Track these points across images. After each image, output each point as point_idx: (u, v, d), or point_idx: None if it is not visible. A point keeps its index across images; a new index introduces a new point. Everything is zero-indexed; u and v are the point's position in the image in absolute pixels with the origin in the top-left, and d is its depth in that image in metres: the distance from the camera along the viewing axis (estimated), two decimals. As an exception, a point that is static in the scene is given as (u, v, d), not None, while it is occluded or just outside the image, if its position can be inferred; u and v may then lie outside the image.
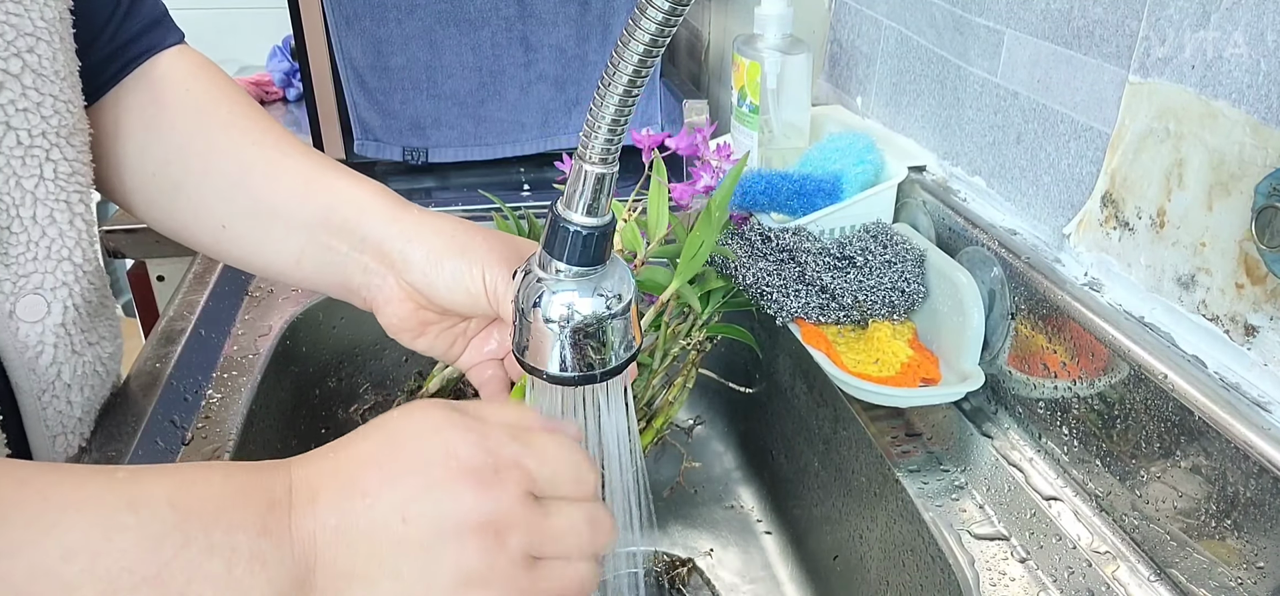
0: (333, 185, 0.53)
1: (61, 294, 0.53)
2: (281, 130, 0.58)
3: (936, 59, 0.73)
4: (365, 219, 0.52)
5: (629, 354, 0.43)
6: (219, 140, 0.56)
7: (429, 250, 0.49)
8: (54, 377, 0.54)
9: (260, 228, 0.55)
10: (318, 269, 0.54)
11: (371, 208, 0.52)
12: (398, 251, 0.50)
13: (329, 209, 0.53)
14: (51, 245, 0.52)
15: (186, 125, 0.57)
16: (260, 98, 1.41)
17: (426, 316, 0.52)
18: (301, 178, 0.54)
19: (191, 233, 0.58)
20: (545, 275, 0.41)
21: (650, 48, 0.34)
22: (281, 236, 0.54)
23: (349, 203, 0.52)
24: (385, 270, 0.51)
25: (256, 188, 0.55)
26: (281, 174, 0.55)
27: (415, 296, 0.51)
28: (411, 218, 0.51)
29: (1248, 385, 0.47)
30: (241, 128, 0.57)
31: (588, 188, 0.39)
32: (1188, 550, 0.49)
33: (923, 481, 0.59)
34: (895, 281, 0.66)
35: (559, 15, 1.04)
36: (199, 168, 0.56)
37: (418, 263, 0.49)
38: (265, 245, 0.55)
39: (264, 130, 0.57)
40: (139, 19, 0.57)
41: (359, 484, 0.37)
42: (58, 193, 0.52)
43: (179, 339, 0.73)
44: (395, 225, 0.51)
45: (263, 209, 0.54)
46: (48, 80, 0.50)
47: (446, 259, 0.49)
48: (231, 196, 0.55)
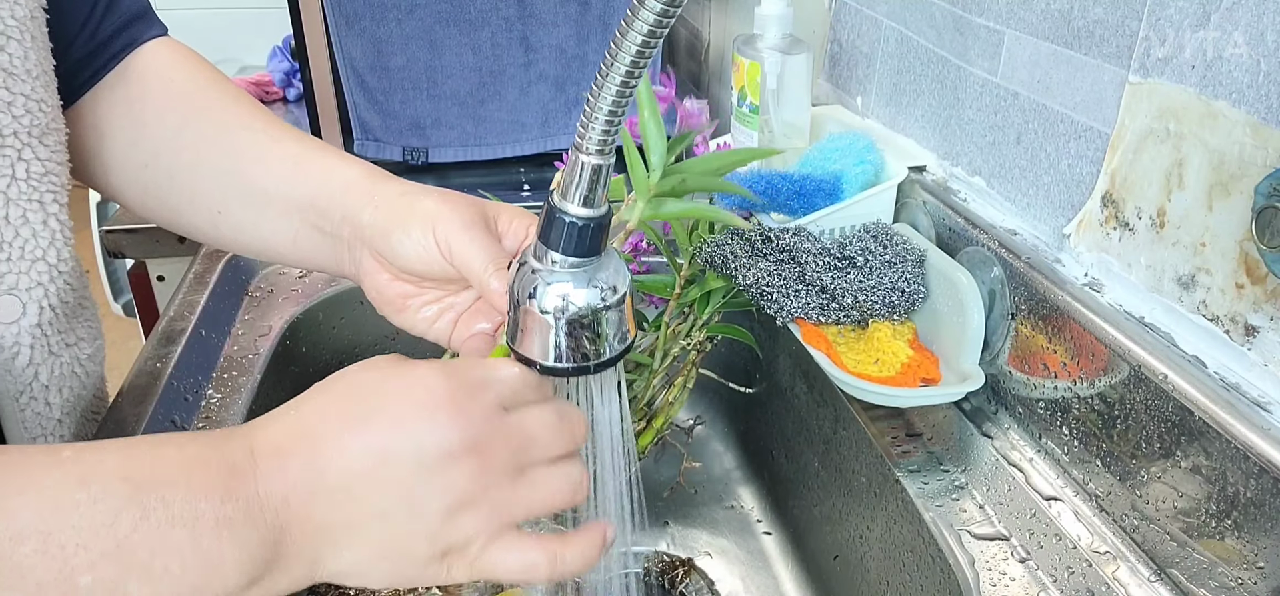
0: (320, 165, 0.54)
1: (36, 294, 0.52)
2: (267, 113, 0.58)
3: (936, 59, 0.73)
4: (348, 196, 0.52)
5: (623, 346, 0.43)
6: (207, 129, 0.56)
7: (390, 215, 0.50)
8: (31, 379, 0.53)
9: (254, 211, 0.55)
10: (313, 248, 0.54)
11: (353, 184, 0.52)
12: (368, 222, 0.51)
13: (317, 189, 0.53)
14: (25, 245, 0.51)
15: (174, 117, 0.57)
16: (260, 98, 1.40)
17: (404, 289, 0.52)
18: (291, 159, 0.55)
19: (188, 221, 0.58)
20: (540, 266, 0.41)
21: (648, 39, 0.34)
22: (275, 218, 0.55)
23: (334, 181, 0.53)
24: (361, 243, 0.52)
25: (248, 172, 0.55)
26: (271, 158, 0.55)
27: (388, 266, 0.51)
28: (383, 189, 0.52)
29: (1248, 385, 0.47)
30: (229, 113, 0.57)
31: (584, 178, 0.38)
32: (1188, 550, 0.49)
33: (923, 481, 0.59)
34: (895, 281, 0.66)
35: (559, 15, 1.04)
36: (189, 158, 0.56)
37: (381, 229, 0.50)
38: (261, 228, 0.55)
39: (252, 114, 0.57)
40: (119, 15, 0.57)
41: (328, 436, 0.37)
42: (30, 192, 0.51)
43: (179, 339, 0.73)
44: (368, 198, 0.51)
45: (256, 193, 0.55)
46: (18, 79, 0.50)
47: (403, 222, 0.49)
48: (224, 183, 0.56)
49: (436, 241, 0.48)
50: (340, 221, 0.52)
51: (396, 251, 0.49)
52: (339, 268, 0.54)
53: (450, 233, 0.47)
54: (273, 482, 0.36)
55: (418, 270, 0.50)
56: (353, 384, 0.39)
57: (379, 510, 0.36)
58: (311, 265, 0.56)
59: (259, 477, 0.36)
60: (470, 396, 0.38)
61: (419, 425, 0.37)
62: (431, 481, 0.36)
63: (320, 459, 0.36)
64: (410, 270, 0.50)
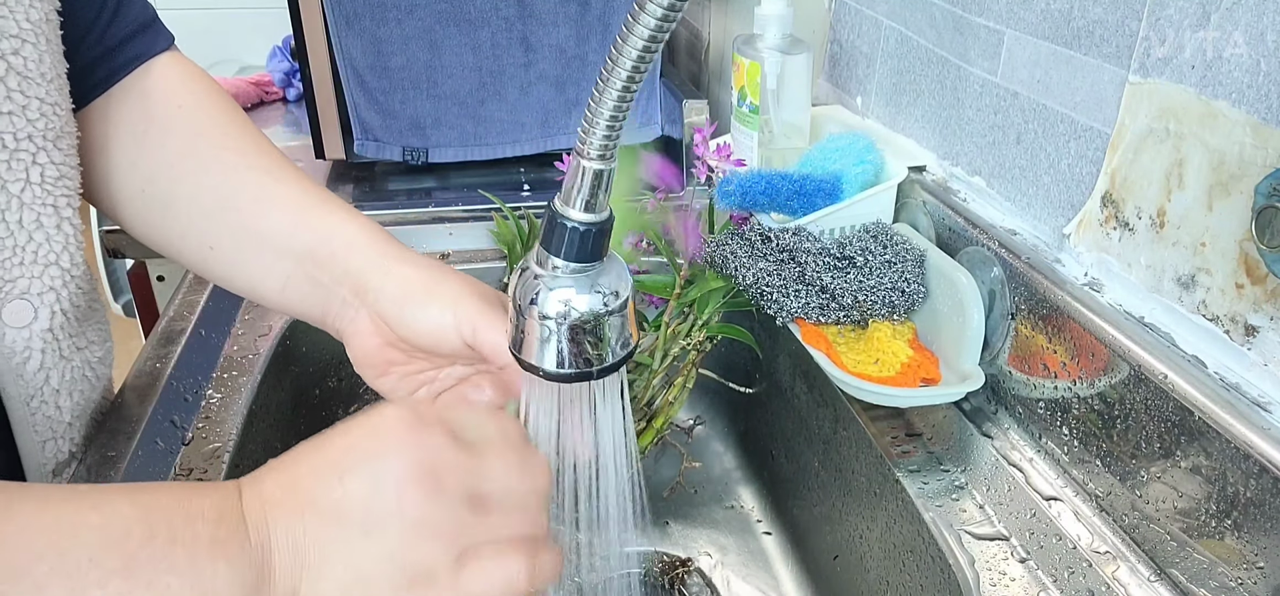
0: (325, 219, 0.54)
1: (49, 298, 0.52)
2: (273, 151, 0.58)
3: (936, 59, 0.73)
4: (351, 253, 0.52)
5: (625, 351, 0.43)
6: (209, 159, 0.56)
7: (403, 281, 0.50)
8: (42, 383, 0.53)
9: (248, 251, 0.55)
10: (301, 297, 0.54)
11: (359, 243, 0.53)
12: (375, 284, 0.51)
13: (318, 241, 0.53)
14: (38, 250, 0.51)
15: (177, 141, 0.56)
16: (260, 98, 1.40)
17: (392, 356, 0.52)
18: (294, 207, 0.54)
19: (178, 249, 0.57)
20: (543, 271, 0.41)
21: (649, 44, 0.34)
22: (269, 263, 0.54)
23: (338, 237, 0.53)
24: (359, 303, 0.52)
25: (247, 211, 0.55)
26: (273, 201, 0.55)
27: (384, 330, 0.51)
28: (393, 252, 0.52)
29: (1248, 385, 0.47)
30: (234, 148, 0.56)
31: (586, 184, 0.38)
32: (1188, 550, 0.49)
33: (923, 481, 0.59)
34: (895, 281, 0.66)
35: (559, 15, 1.04)
36: (189, 186, 0.56)
37: (391, 293, 0.50)
38: (251, 268, 0.55)
39: (258, 151, 0.57)
40: (127, 22, 0.57)
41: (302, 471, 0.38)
42: (45, 196, 0.51)
43: (179, 339, 0.73)
44: (377, 260, 0.52)
45: (251, 234, 0.55)
46: (34, 83, 0.50)
47: (418, 292, 0.50)
48: (220, 217, 0.55)
49: (457, 320, 0.48)
50: (339, 276, 0.52)
51: (411, 323, 0.49)
52: (324, 319, 0.54)
53: (475, 314, 0.48)
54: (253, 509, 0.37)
55: (427, 344, 0.50)
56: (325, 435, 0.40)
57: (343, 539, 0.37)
58: (294, 313, 0.56)
59: (244, 502, 0.37)
60: (422, 422, 0.39)
61: (373, 451, 0.38)
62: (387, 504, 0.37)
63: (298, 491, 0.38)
64: (419, 343, 0.50)
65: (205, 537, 0.35)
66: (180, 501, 0.36)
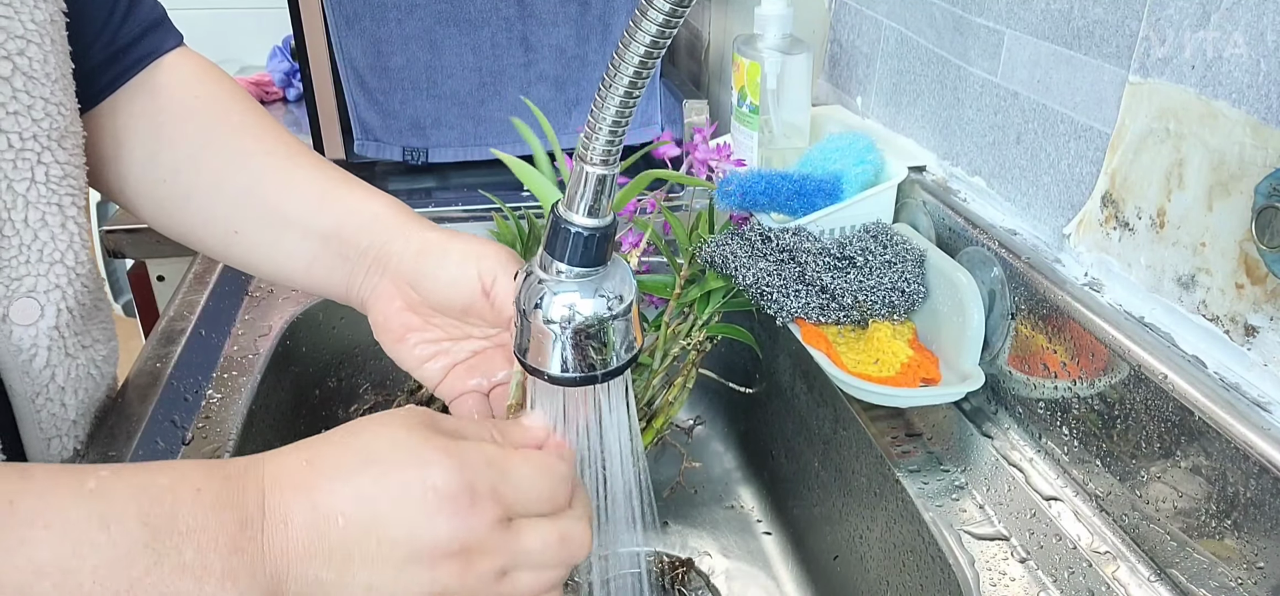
0: (347, 197, 0.56)
1: (55, 297, 0.53)
2: (289, 136, 0.59)
3: (936, 59, 0.73)
4: (376, 226, 0.54)
5: (630, 354, 0.43)
6: (229, 149, 0.57)
7: (426, 245, 0.52)
8: (48, 380, 0.54)
9: (273, 235, 0.56)
10: (327, 274, 0.55)
11: (383, 216, 0.54)
12: (397, 249, 0.52)
13: (343, 218, 0.54)
14: (44, 248, 0.52)
15: (195, 135, 0.57)
16: (260, 98, 1.40)
17: (410, 321, 0.53)
18: (317, 188, 0.56)
19: (200, 238, 0.59)
20: (547, 276, 0.41)
21: (651, 49, 0.34)
22: (294, 243, 0.56)
23: (363, 212, 0.55)
24: (381, 270, 0.53)
25: (270, 196, 0.56)
26: (295, 184, 0.56)
27: (406, 291, 0.52)
28: (416, 222, 0.54)
29: (1248, 385, 0.47)
30: (252, 136, 0.58)
31: (589, 189, 0.39)
32: (1188, 550, 0.49)
33: (923, 481, 0.59)
34: (895, 281, 0.66)
35: (559, 15, 1.04)
36: (210, 178, 0.57)
37: (412, 251, 0.52)
38: (277, 252, 0.56)
39: (274, 137, 0.58)
40: (137, 22, 0.57)
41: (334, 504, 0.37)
42: (50, 195, 0.52)
43: (179, 339, 0.73)
44: (400, 228, 0.53)
45: (276, 217, 0.56)
46: (39, 83, 0.50)
47: (438, 248, 0.51)
48: (244, 205, 0.56)
49: (479, 271, 0.49)
50: (364, 249, 0.54)
51: (433, 273, 0.51)
52: (347, 294, 0.55)
53: (496, 265, 0.49)
54: (275, 538, 0.37)
55: (445, 299, 0.51)
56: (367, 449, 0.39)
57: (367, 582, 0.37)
58: (321, 291, 0.57)
59: (266, 531, 0.37)
60: (474, 504, 0.38)
61: (419, 518, 0.37)
62: (419, 571, 0.37)
63: (324, 526, 0.37)
64: (436, 299, 0.51)
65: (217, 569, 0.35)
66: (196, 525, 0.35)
